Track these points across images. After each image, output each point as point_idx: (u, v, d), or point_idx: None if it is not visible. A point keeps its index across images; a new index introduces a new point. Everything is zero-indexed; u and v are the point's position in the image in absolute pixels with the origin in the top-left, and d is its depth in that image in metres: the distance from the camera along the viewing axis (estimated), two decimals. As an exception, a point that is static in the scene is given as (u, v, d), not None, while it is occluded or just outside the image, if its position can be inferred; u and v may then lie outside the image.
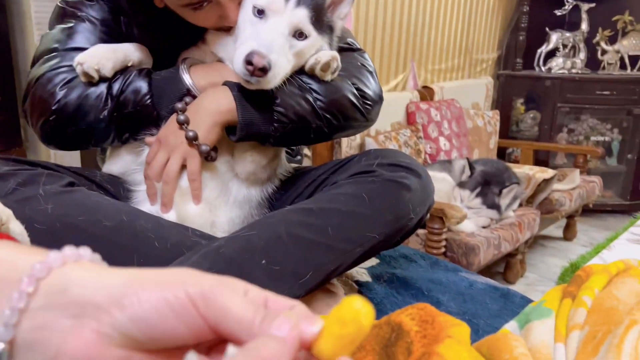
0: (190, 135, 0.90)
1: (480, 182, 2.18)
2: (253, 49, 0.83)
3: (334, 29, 0.97)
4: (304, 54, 0.92)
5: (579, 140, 3.54)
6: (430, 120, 2.70)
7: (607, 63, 3.54)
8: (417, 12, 2.87)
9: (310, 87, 0.93)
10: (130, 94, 0.90)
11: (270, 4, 0.88)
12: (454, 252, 2.01)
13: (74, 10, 0.97)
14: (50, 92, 0.89)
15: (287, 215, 0.84)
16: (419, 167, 0.94)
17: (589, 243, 3.02)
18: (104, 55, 0.89)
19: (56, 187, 0.80)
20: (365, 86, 1.00)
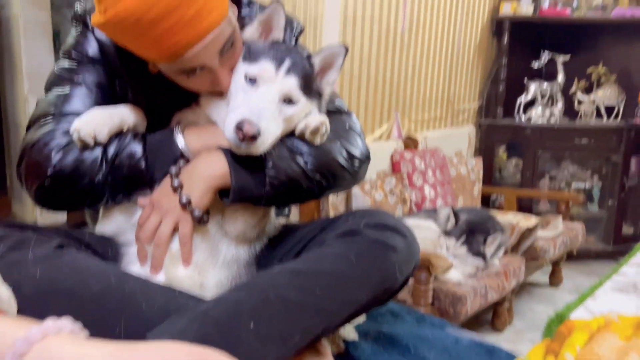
0: (184, 200, 0.91)
1: (465, 230, 2.20)
2: (244, 116, 0.86)
3: (323, 94, 1.02)
4: (293, 119, 0.95)
5: (560, 186, 3.61)
6: (414, 169, 2.74)
7: (584, 112, 3.64)
8: (399, 64, 2.96)
9: (300, 151, 0.96)
10: (125, 158, 0.92)
11: (262, 72, 0.92)
12: (441, 301, 2.00)
13: (70, 76, 0.99)
14: (46, 156, 0.90)
15: (275, 277, 0.84)
16: (404, 227, 0.96)
17: (575, 289, 3.03)
18: (100, 121, 0.90)
19: (45, 251, 0.80)
20: (353, 147, 1.04)
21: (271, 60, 0.93)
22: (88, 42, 1.00)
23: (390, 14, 2.82)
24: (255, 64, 0.94)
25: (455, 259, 2.14)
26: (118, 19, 0.81)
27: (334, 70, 1.01)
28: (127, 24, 0.81)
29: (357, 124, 1.11)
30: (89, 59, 1.00)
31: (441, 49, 3.27)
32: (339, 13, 2.54)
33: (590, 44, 3.72)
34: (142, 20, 0.81)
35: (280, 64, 0.93)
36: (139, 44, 0.86)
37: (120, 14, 0.80)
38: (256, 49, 0.96)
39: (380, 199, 2.46)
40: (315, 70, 0.99)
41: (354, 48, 2.66)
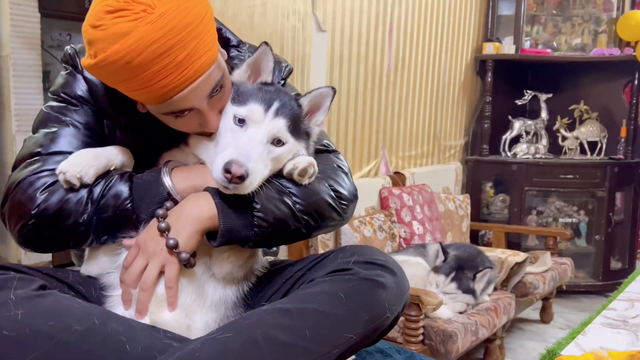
0: (171, 243, 0.91)
1: (454, 266, 2.19)
2: (232, 157, 0.87)
3: (311, 134, 1.03)
4: (281, 159, 0.96)
5: (548, 222, 3.63)
6: (403, 205, 2.75)
7: (568, 148, 3.71)
8: (386, 102, 3.01)
9: (289, 191, 0.96)
10: (111, 199, 0.91)
11: (250, 114, 0.93)
12: (432, 339, 1.97)
13: (57, 115, 0.99)
14: (30, 196, 0.90)
15: (263, 316, 0.83)
16: (394, 264, 0.95)
17: (566, 325, 3.02)
18: (86, 163, 0.91)
19: (27, 292, 0.79)
20: (341, 187, 1.04)
21: (260, 102, 0.94)
22: (77, 83, 1.01)
23: (376, 53, 2.88)
24: (244, 105, 0.95)
25: (445, 295, 2.12)
26: (108, 62, 0.82)
27: (322, 111, 1.02)
28: (117, 67, 0.82)
29: (344, 163, 1.12)
30: (77, 99, 1.00)
31: (427, 87, 3.33)
32: (326, 53, 2.59)
33: (571, 82, 3.81)
34: (132, 63, 0.81)
35: (269, 106, 0.94)
36: (128, 86, 0.87)
37: (110, 57, 0.81)
38: (245, 91, 0.97)
39: (369, 235, 2.46)
40: (303, 111, 1.01)
41: (341, 87, 2.70)
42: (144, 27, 0.80)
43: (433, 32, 3.31)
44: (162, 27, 0.81)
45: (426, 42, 3.27)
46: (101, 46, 0.82)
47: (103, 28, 0.81)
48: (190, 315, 0.95)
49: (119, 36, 0.80)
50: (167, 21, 0.82)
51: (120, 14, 0.81)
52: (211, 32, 0.89)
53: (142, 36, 0.80)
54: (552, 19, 3.82)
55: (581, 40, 3.78)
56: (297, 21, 2.41)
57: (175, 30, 0.82)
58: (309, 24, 2.48)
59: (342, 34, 2.66)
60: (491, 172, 3.65)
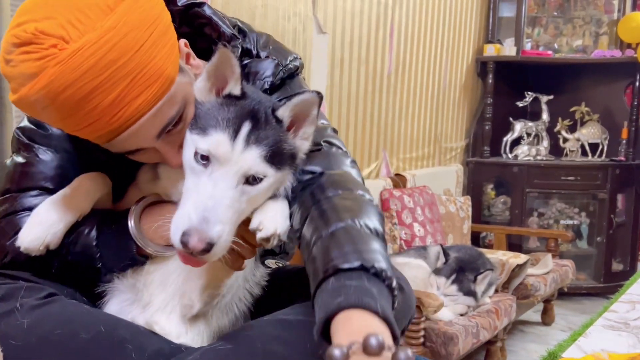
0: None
1: (455, 269, 2.18)
2: (190, 225, 0.71)
3: (297, 155, 0.84)
4: (259, 198, 0.80)
5: (549, 224, 3.62)
6: (404, 207, 2.74)
7: (569, 150, 3.70)
8: (387, 105, 3.01)
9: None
10: (79, 255, 0.84)
11: (213, 149, 0.74)
12: (433, 342, 1.96)
13: (28, 143, 0.90)
14: (1, 245, 0.86)
15: (264, 328, 0.80)
16: (401, 279, 0.90)
17: (568, 327, 3.00)
18: (49, 230, 0.81)
19: (34, 300, 0.78)
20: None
21: (223, 129, 0.75)
22: None
23: (376, 56, 2.88)
24: (205, 136, 0.76)
25: (445, 297, 2.12)
26: (25, 104, 0.71)
27: (309, 122, 0.83)
28: (36, 109, 0.71)
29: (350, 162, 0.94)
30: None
31: (427, 89, 3.32)
32: (326, 55, 2.58)
33: (573, 84, 3.81)
34: (50, 108, 0.70)
35: (237, 133, 0.75)
36: (60, 126, 0.76)
37: (23, 100, 0.70)
38: (205, 113, 0.78)
39: (369, 238, 2.44)
40: (284, 127, 0.81)
41: (341, 89, 2.70)
42: (52, 69, 0.66)
43: (434, 34, 3.31)
44: (76, 69, 0.67)
45: (427, 44, 3.26)
46: (14, 85, 0.70)
47: (12, 64, 0.69)
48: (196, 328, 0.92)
49: (27, 77, 0.68)
50: (82, 60, 0.67)
51: (27, 49, 0.67)
52: (159, 58, 0.73)
53: (51, 80, 0.67)
54: (553, 21, 3.82)
55: (582, 42, 3.78)
56: (297, 23, 2.41)
57: (94, 70, 0.67)
58: (310, 26, 2.48)
59: (343, 36, 2.66)
60: (492, 173, 3.65)
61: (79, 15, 0.68)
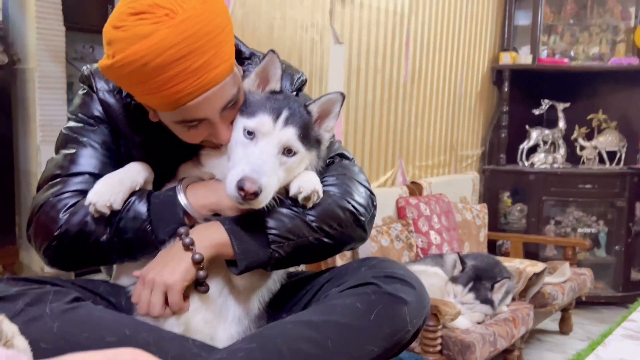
0: (197, 258, 0.91)
1: (472, 277, 2.18)
2: (245, 174, 0.87)
3: (322, 141, 1.02)
4: (293, 169, 0.96)
5: (566, 232, 3.59)
6: (420, 215, 2.75)
7: (586, 158, 3.67)
8: (403, 113, 3.02)
9: (299, 206, 0.96)
10: (130, 221, 0.93)
11: (259, 126, 0.92)
12: (450, 350, 1.96)
13: (76, 136, 1.01)
14: (53, 218, 0.92)
15: (287, 328, 0.85)
16: (413, 278, 0.96)
17: (586, 337, 2.97)
18: (112, 190, 0.92)
19: (62, 305, 0.82)
20: (357, 195, 1.03)
21: (268, 112, 0.93)
22: (93, 103, 1.02)
23: (392, 64, 2.90)
24: (253, 117, 0.94)
25: (462, 305, 2.12)
26: (125, 63, 0.83)
27: (332, 117, 1.01)
28: (133, 68, 0.83)
29: (359, 171, 1.11)
30: (94, 119, 1.02)
31: (443, 98, 3.33)
32: (343, 65, 2.61)
33: (589, 91, 3.78)
34: (149, 65, 0.82)
35: (278, 116, 0.93)
36: (142, 89, 0.87)
37: (129, 58, 0.82)
38: (253, 102, 0.96)
39: (386, 245, 2.46)
40: (313, 118, 1.00)
41: (358, 98, 2.72)
42: (165, 30, 0.81)
43: (449, 42, 3.32)
44: (183, 32, 0.82)
45: (442, 53, 3.27)
46: (120, 46, 0.83)
47: (125, 29, 0.82)
48: (214, 329, 0.96)
49: (140, 37, 0.81)
50: (188, 27, 0.82)
51: (143, 17, 0.82)
52: (229, 45, 0.90)
53: (163, 39, 0.81)
54: (569, 29, 3.80)
55: (599, 50, 3.75)
56: (315, 34, 2.44)
57: (195, 36, 0.83)
58: (327, 37, 2.51)
59: (360, 46, 2.69)
60: (508, 181, 3.63)
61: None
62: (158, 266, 0.92)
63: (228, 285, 0.99)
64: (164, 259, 0.93)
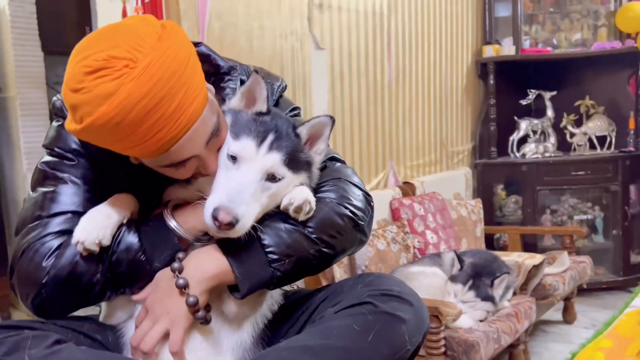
0: (191, 301, 0.89)
1: (471, 274, 2.16)
2: (220, 203, 0.84)
3: (312, 163, 0.99)
4: (279, 194, 0.93)
5: (562, 220, 3.59)
6: (415, 215, 2.73)
7: (577, 145, 3.67)
8: (389, 114, 3.01)
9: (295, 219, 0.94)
10: (123, 253, 0.90)
11: (241, 151, 0.90)
12: (454, 350, 1.94)
13: (54, 172, 0.96)
14: (37, 265, 0.88)
15: (281, 354, 0.82)
16: (411, 295, 0.94)
17: (590, 324, 2.96)
18: (100, 225, 0.89)
19: (41, 350, 0.78)
20: (353, 199, 1.01)
21: (252, 137, 0.91)
22: (69, 136, 0.97)
23: (376, 66, 2.89)
24: (237, 141, 0.91)
25: (463, 304, 2.10)
26: (96, 126, 0.78)
27: (322, 140, 0.99)
28: (107, 129, 0.79)
29: (353, 173, 1.09)
30: (71, 153, 0.97)
31: (429, 95, 3.33)
32: (326, 70, 2.60)
33: (575, 78, 3.79)
34: (122, 124, 0.78)
35: (262, 140, 0.90)
36: (121, 146, 0.84)
37: (98, 121, 0.78)
38: (240, 123, 0.94)
39: (382, 248, 2.44)
40: (302, 141, 0.97)
41: (343, 102, 2.71)
42: (129, 85, 0.77)
43: (431, 40, 3.31)
44: (148, 81, 0.78)
45: (425, 51, 3.27)
46: (86, 110, 0.78)
47: (85, 91, 0.78)
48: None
49: (104, 97, 0.77)
50: (152, 73, 0.78)
51: (102, 74, 0.77)
52: (198, 74, 0.87)
53: (129, 94, 0.77)
54: (550, 17, 3.81)
55: (581, 36, 3.76)
56: (295, 41, 2.43)
57: (162, 81, 0.79)
58: (307, 43, 2.50)
59: (341, 50, 2.67)
60: (501, 174, 3.63)
61: (139, 41, 0.80)
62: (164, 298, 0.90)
63: (220, 318, 0.97)
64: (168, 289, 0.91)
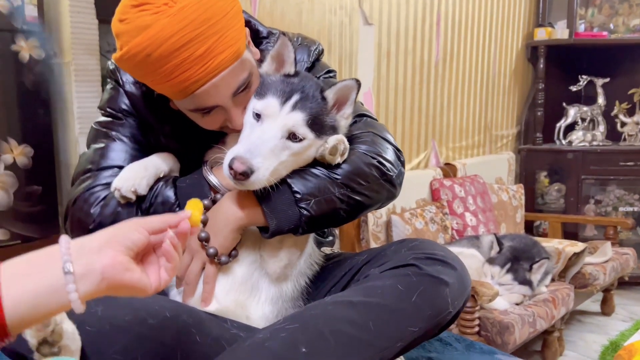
0: (211, 252, 0.94)
1: (509, 257, 2.15)
2: (236, 154, 0.87)
3: (338, 128, 0.99)
4: (302, 154, 0.94)
5: (607, 211, 3.48)
6: (455, 197, 2.72)
7: (627, 134, 3.55)
8: (435, 94, 2.98)
9: (321, 167, 0.96)
10: (159, 206, 0.95)
11: (265, 108, 0.92)
12: (488, 331, 1.95)
13: (105, 131, 1.04)
14: (86, 212, 0.96)
15: (328, 309, 0.85)
16: (454, 260, 0.95)
17: (629, 317, 2.90)
18: (137, 175, 0.95)
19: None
20: (382, 151, 1.02)
21: (277, 95, 0.92)
22: (120, 97, 1.05)
23: (423, 45, 2.86)
24: (262, 99, 0.93)
25: (500, 287, 2.09)
26: (131, 55, 0.85)
27: (348, 104, 0.99)
28: (139, 59, 0.85)
29: (384, 128, 1.09)
30: (122, 113, 1.05)
31: (476, 77, 3.27)
32: (373, 46, 2.59)
33: (630, 65, 3.64)
34: (152, 56, 0.84)
35: (287, 100, 0.92)
36: (152, 80, 0.89)
37: (132, 50, 0.84)
38: (266, 84, 0.96)
39: (420, 228, 2.44)
40: (328, 104, 0.97)
41: (389, 80, 2.69)
42: (163, 20, 0.82)
43: (482, 20, 3.24)
44: (182, 21, 0.83)
45: (475, 32, 3.21)
46: (125, 39, 0.85)
47: (127, 21, 0.84)
48: (246, 309, 0.97)
49: (141, 29, 0.83)
50: (187, 15, 0.83)
51: (144, 8, 0.84)
52: (235, 29, 0.89)
53: (162, 29, 0.82)
54: (608, 0, 3.65)
55: (640, 21, 3.61)
56: (344, 16, 2.42)
57: (194, 24, 0.83)
58: (356, 18, 2.49)
59: (389, 27, 2.65)
60: (545, 161, 3.54)
61: None
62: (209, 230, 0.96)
63: (260, 269, 0.99)
64: (213, 226, 0.95)
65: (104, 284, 0.61)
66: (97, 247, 0.62)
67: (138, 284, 0.64)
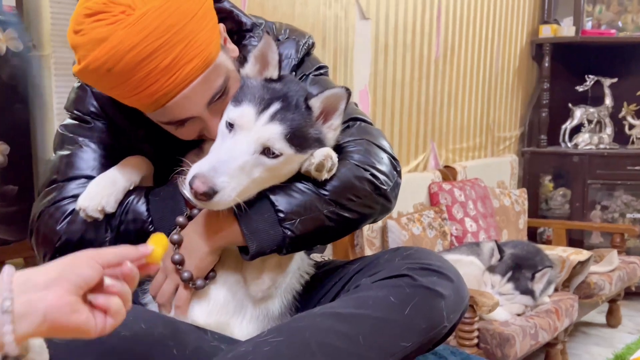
0: (185, 276, 0.89)
1: (511, 266, 2.11)
2: (198, 171, 0.80)
3: (324, 140, 0.91)
4: (280, 169, 0.87)
5: (614, 217, 3.42)
6: (454, 201, 2.65)
7: (636, 137, 3.50)
8: (434, 92, 2.92)
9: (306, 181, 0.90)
10: (130, 223, 0.90)
11: (238, 118, 0.84)
12: (488, 343, 1.90)
13: (72, 136, 0.98)
14: (52, 228, 0.90)
15: (315, 321, 0.82)
16: (451, 270, 0.92)
17: (636, 330, 2.85)
18: (104, 192, 0.88)
19: None
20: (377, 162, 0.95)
21: (254, 103, 0.85)
22: (88, 98, 0.99)
23: (423, 40, 2.80)
24: (237, 107, 0.86)
25: (501, 296, 2.04)
26: (90, 69, 0.79)
27: (337, 114, 0.91)
28: (100, 74, 0.79)
29: (380, 134, 1.02)
30: (89, 115, 0.98)
31: (478, 75, 3.22)
32: (370, 41, 2.52)
33: (639, 65, 3.59)
34: (113, 70, 0.78)
35: (265, 109, 0.84)
36: (117, 93, 0.84)
37: (91, 65, 0.79)
38: (245, 89, 0.89)
39: (418, 233, 2.38)
40: (313, 115, 0.89)
41: (386, 76, 2.63)
42: (121, 32, 0.77)
43: (484, 15, 3.18)
44: (142, 30, 0.77)
45: (477, 27, 3.15)
46: (82, 53, 0.79)
47: (83, 33, 0.79)
48: (229, 328, 0.93)
49: (97, 42, 0.77)
50: (147, 23, 0.77)
51: (98, 17, 0.78)
52: (206, 31, 0.83)
53: (121, 41, 0.77)
54: (617, -3, 3.60)
55: (649, 19, 3.54)
56: (339, 9, 2.36)
57: (157, 32, 0.78)
58: (352, 12, 2.42)
59: (387, 21, 2.59)
60: (550, 164, 3.49)
61: None
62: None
63: (243, 289, 0.94)
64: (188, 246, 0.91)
65: (45, 325, 0.56)
66: (43, 284, 0.57)
67: (83, 327, 0.60)
